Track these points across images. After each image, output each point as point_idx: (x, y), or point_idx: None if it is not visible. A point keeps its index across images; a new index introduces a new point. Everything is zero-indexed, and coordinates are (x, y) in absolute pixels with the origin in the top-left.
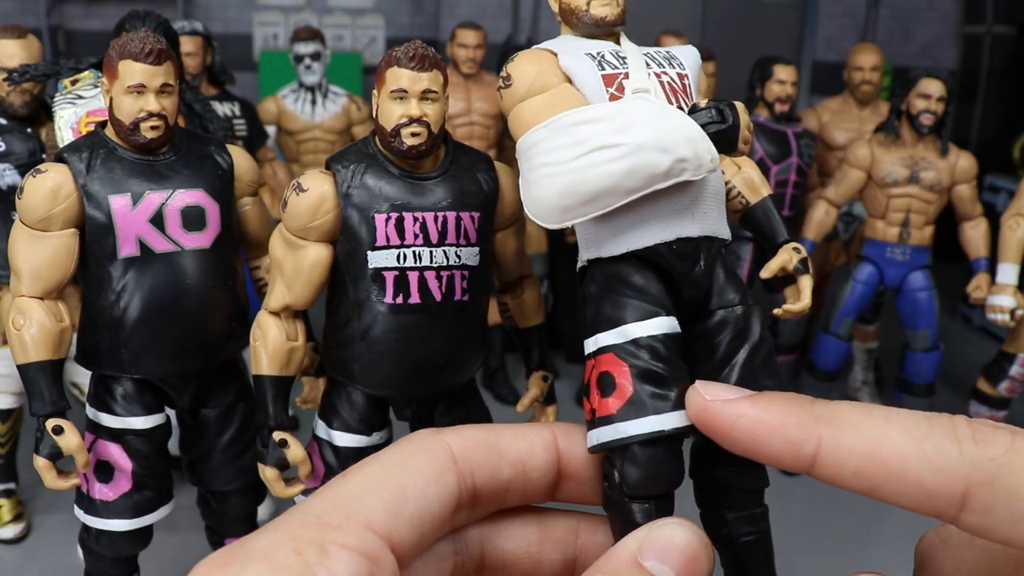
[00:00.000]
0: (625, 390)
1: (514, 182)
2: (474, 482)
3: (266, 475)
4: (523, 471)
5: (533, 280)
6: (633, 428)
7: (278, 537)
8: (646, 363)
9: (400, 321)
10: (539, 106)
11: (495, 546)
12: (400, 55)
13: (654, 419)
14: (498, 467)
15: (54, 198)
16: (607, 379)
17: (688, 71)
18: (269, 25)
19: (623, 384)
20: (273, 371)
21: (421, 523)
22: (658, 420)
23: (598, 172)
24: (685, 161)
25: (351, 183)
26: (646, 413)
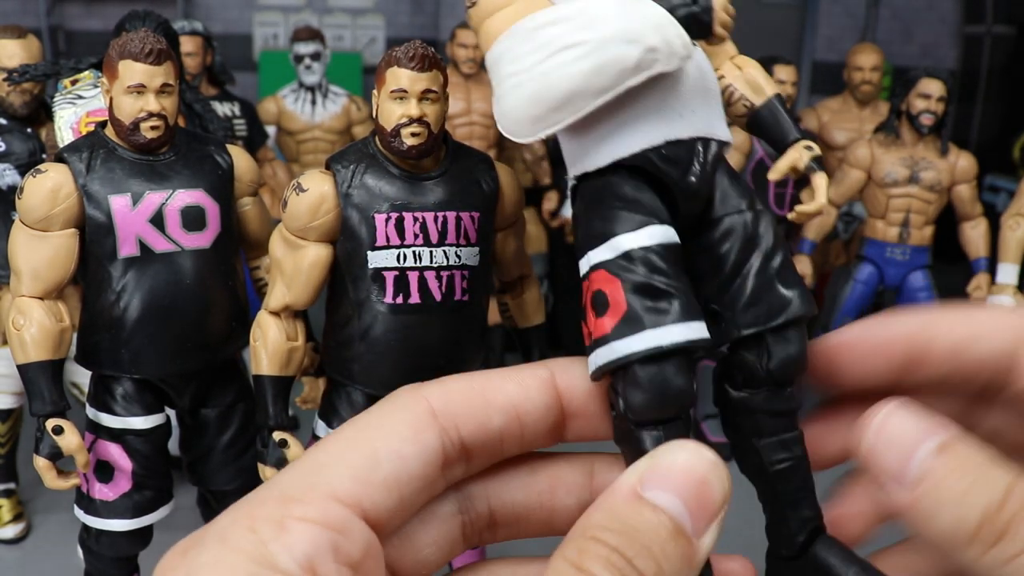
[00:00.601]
0: (619, 307)
1: (514, 182)
2: (460, 435)
3: (266, 475)
4: (516, 416)
5: (533, 280)
6: (630, 346)
7: (236, 516)
8: (640, 276)
9: (400, 321)
10: (505, 17)
11: (503, 501)
12: (400, 55)
13: (651, 334)
14: (486, 416)
15: (54, 198)
16: (600, 298)
17: None
18: (269, 25)
19: (617, 301)
20: (273, 371)
21: (398, 486)
22: (655, 335)
23: (563, 74)
24: (655, 50)
25: (351, 183)
26: (642, 328)
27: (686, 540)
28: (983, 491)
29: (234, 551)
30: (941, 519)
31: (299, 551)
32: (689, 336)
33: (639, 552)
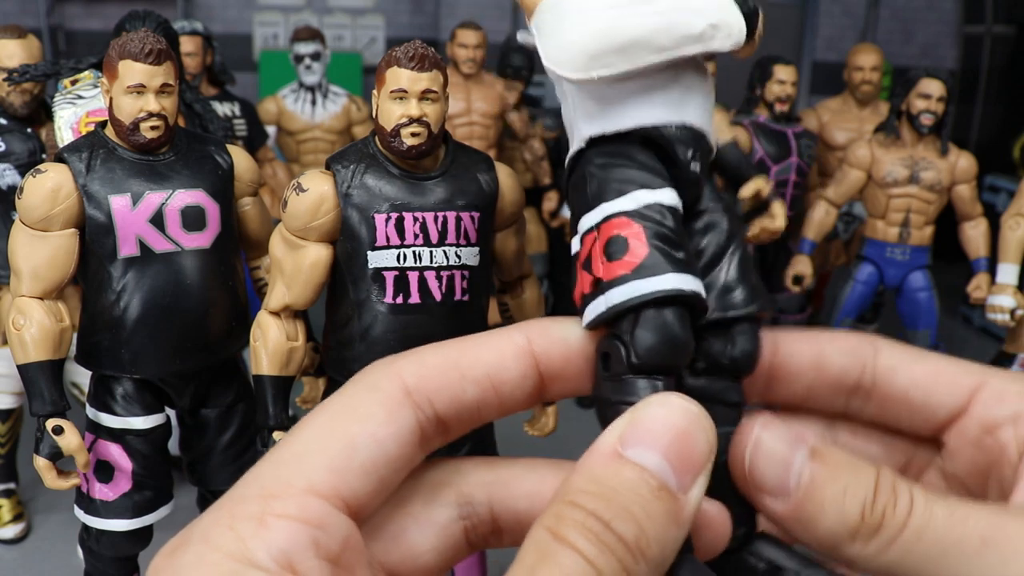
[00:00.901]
0: (639, 251)
1: (514, 182)
2: (435, 410)
3: None
4: (491, 386)
5: (533, 280)
6: (650, 285)
7: (219, 515)
8: (664, 227)
9: (400, 321)
10: None
11: (506, 507)
12: (400, 55)
13: (673, 277)
14: (460, 388)
15: (54, 198)
16: (618, 242)
17: None
18: (269, 25)
19: (637, 245)
20: (273, 371)
21: (375, 469)
22: (678, 278)
23: (635, 21)
24: (717, 28)
25: (351, 183)
26: (664, 272)
27: (670, 496)
28: (858, 488)
29: (215, 550)
30: (825, 521)
31: (277, 548)
32: (702, 290)
33: (618, 514)
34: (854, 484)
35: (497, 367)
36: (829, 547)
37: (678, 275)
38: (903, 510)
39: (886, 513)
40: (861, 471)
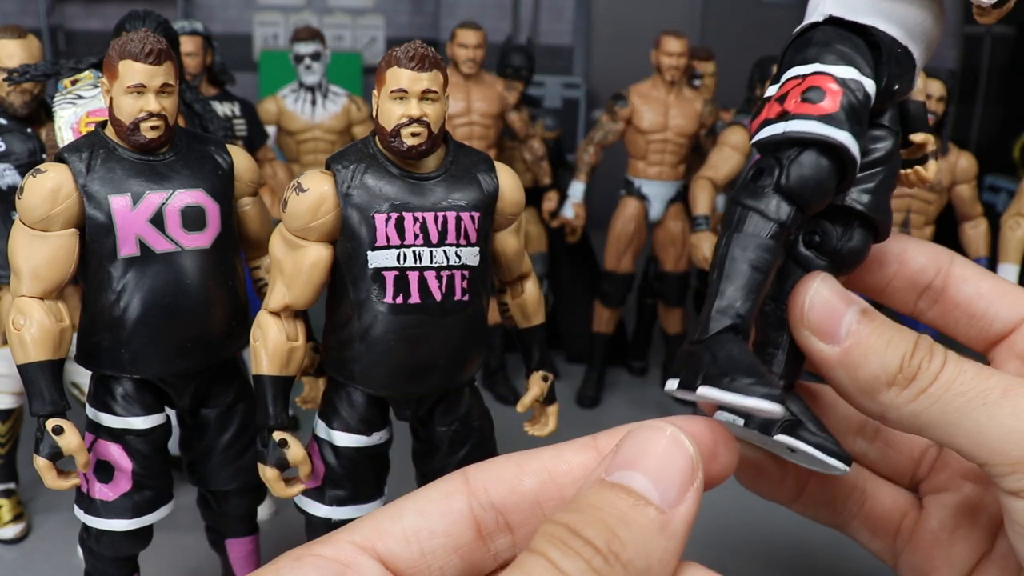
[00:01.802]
0: (830, 106)
1: (515, 182)
2: (490, 498)
3: (266, 475)
4: (551, 479)
5: (533, 280)
6: (827, 131)
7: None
8: (858, 102)
9: (400, 321)
10: None
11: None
12: (400, 55)
13: (846, 135)
14: (517, 479)
15: (54, 198)
16: (818, 92)
17: None
18: (269, 25)
19: (831, 101)
20: (273, 371)
21: (418, 539)
22: (849, 138)
23: None
24: None
25: (351, 183)
26: (844, 129)
27: (654, 509)
28: (900, 342)
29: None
30: (868, 366)
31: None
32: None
33: (588, 523)
34: (897, 339)
35: (556, 461)
36: (867, 391)
37: (850, 137)
38: (937, 365)
39: (922, 366)
40: (904, 331)
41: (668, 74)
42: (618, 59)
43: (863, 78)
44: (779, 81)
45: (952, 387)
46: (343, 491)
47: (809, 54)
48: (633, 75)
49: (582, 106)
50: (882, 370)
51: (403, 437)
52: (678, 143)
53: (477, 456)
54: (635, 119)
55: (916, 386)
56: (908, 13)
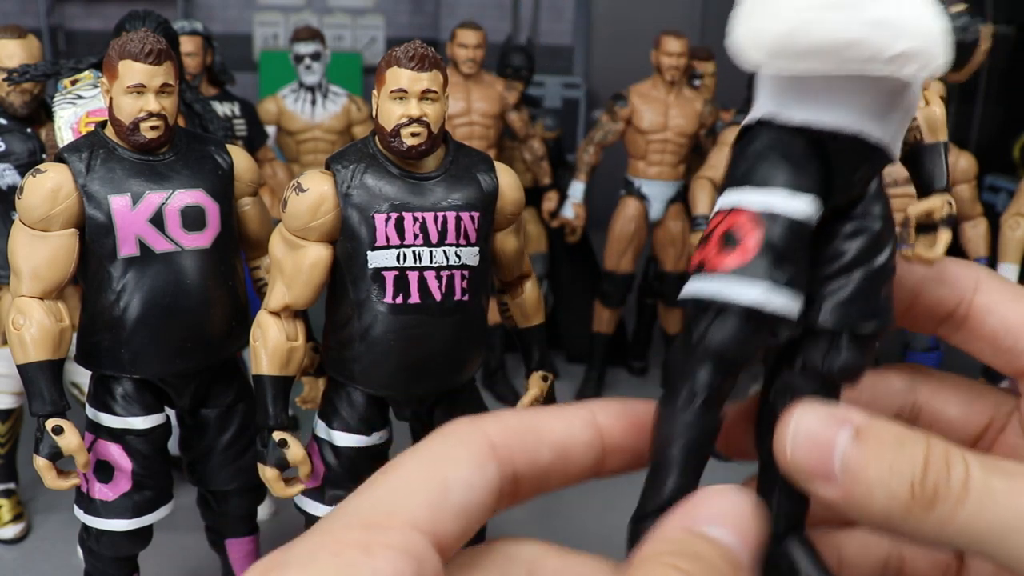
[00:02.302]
0: (748, 252)
1: (514, 182)
2: (514, 468)
3: (266, 475)
4: (563, 453)
5: (533, 280)
6: (738, 292)
7: (321, 540)
8: (780, 238)
9: (400, 321)
10: None
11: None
12: (400, 55)
13: (763, 291)
14: (537, 451)
15: (54, 198)
16: (733, 236)
17: None
18: (269, 25)
19: (748, 246)
20: (273, 371)
21: (466, 514)
22: (767, 294)
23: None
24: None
25: (351, 183)
26: (760, 281)
27: (744, 572)
28: (905, 465)
29: (320, 574)
30: (875, 502)
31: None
32: (791, 310)
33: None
34: (899, 461)
35: (568, 435)
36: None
37: (770, 290)
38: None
39: (938, 487)
40: (908, 446)
41: (668, 74)
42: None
43: (791, 199)
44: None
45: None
46: (343, 491)
47: (739, 171)
48: (633, 75)
49: (582, 106)
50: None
51: (403, 437)
52: (678, 143)
53: None
54: (635, 119)
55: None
56: (853, 100)
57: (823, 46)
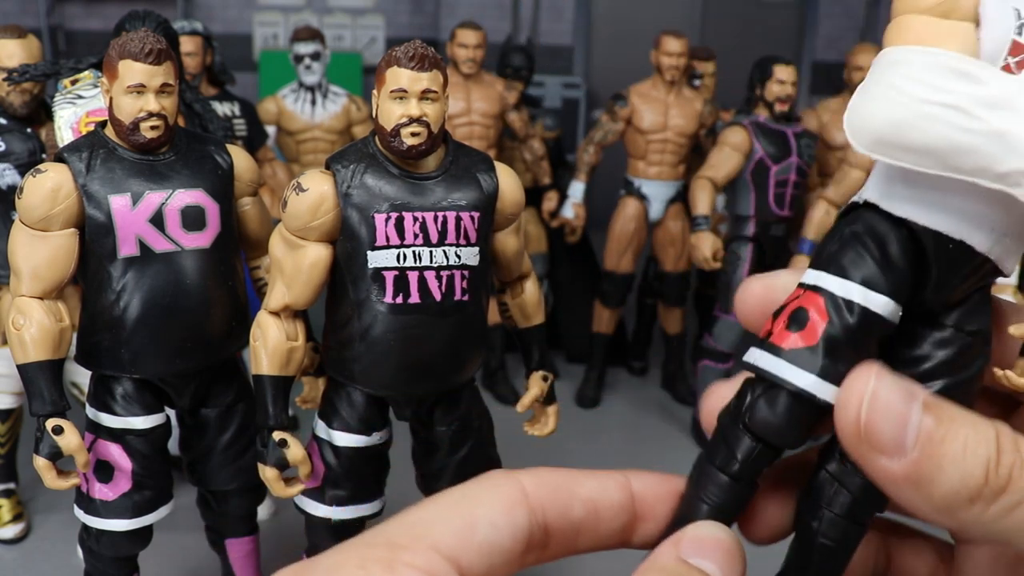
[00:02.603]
0: (811, 337)
1: (514, 182)
2: (545, 518)
3: (266, 475)
4: (594, 510)
5: (533, 280)
6: (792, 375)
7: (347, 555)
8: (845, 331)
9: (400, 321)
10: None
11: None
12: (400, 55)
13: (811, 379)
14: (569, 505)
15: (54, 198)
16: (802, 315)
17: None
18: (269, 25)
19: (813, 331)
20: (273, 371)
21: (491, 553)
22: (817, 384)
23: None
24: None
25: (351, 183)
26: (813, 369)
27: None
28: (979, 445)
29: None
30: (945, 481)
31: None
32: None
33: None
34: (975, 440)
35: (600, 493)
36: (945, 511)
37: (823, 380)
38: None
39: (1013, 474)
40: (981, 426)
41: (668, 74)
42: (618, 59)
43: (870, 294)
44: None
45: None
46: (343, 491)
47: (828, 250)
48: (633, 75)
49: (582, 106)
50: (962, 484)
51: (403, 437)
52: (678, 143)
53: (477, 456)
54: (635, 119)
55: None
56: (964, 205)
57: (934, 147)
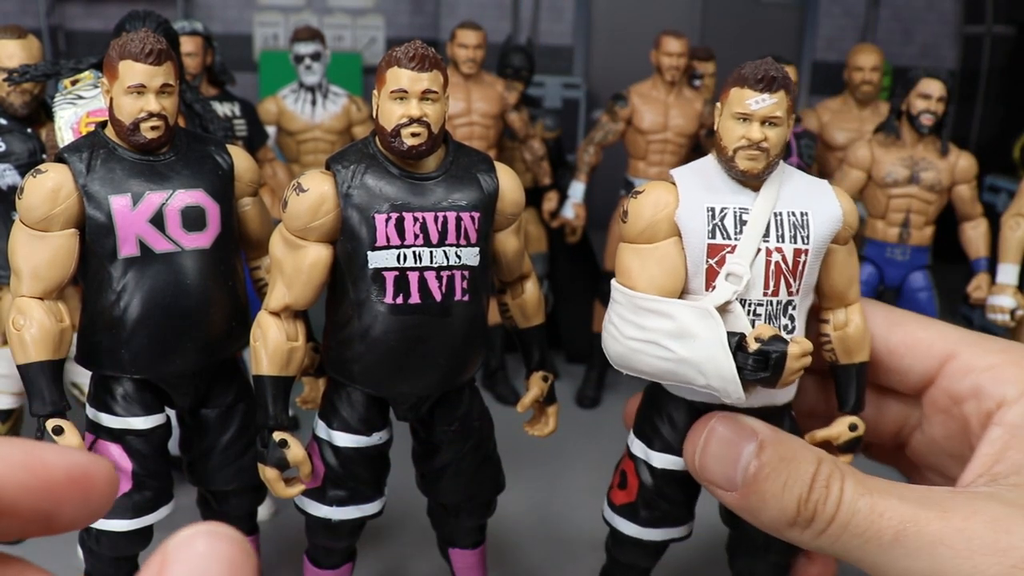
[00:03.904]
0: (631, 494)
1: (515, 182)
2: None
3: (266, 475)
4: None
5: (534, 280)
6: (626, 526)
7: None
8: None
9: (400, 321)
10: (637, 261)
11: None
12: (400, 55)
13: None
14: None
15: (54, 198)
16: (625, 477)
17: (811, 244)
18: (269, 25)
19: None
20: (273, 371)
21: None
22: (643, 530)
23: (645, 360)
24: (716, 390)
25: (351, 183)
26: (636, 521)
27: None
28: (795, 483)
29: None
30: (767, 512)
31: None
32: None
33: None
34: (792, 479)
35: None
36: (772, 530)
37: (645, 526)
38: (832, 504)
39: (817, 508)
40: (802, 464)
41: (668, 74)
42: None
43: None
44: None
45: (848, 528)
46: (343, 491)
47: (637, 420)
48: (633, 75)
49: (582, 106)
50: (781, 514)
51: (403, 437)
52: (678, 143)
53: (477, 456)
54: (635, 119)
55: (815, 528)
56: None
57: (647, 371)
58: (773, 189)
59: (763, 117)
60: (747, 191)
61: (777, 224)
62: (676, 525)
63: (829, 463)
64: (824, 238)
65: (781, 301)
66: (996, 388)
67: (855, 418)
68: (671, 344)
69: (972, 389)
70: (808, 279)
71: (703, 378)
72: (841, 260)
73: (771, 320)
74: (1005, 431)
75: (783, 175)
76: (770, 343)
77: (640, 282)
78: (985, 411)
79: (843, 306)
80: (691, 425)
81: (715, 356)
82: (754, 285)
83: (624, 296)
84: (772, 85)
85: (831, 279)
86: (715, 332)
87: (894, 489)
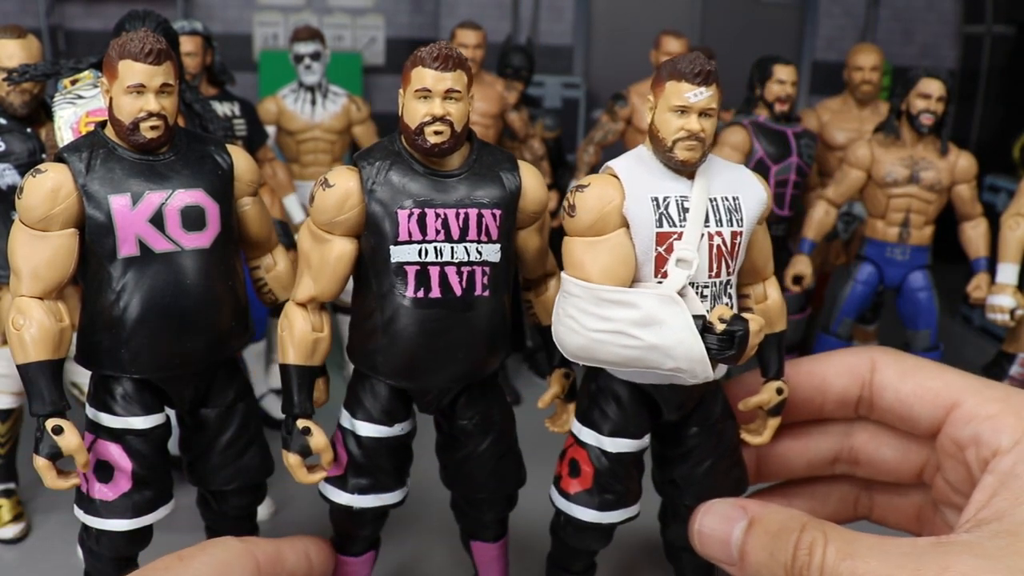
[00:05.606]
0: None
1: (537, 181)
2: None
3: (289, 461)
4: None
5: (558, 278)
6: (583, 513)
7: None
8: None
9: (421, 315)
10: (589, 254)
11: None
12: (425, 55)
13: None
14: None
15: (54, 198)
16: (576, 466)
17: (745, 226)
18: (269, 25)
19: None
20: (299, 360)
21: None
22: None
23: (611, 350)
24: (684, 371)
25: (376, 179)
26: (593, 508)
27: None
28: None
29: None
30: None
31: None
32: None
33: None
34: (778, 549)
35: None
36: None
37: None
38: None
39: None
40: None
41: None
42: (618, 59)
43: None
44: None
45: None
46: (365, 480)
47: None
48: (633, 75)
49: (582, 106)
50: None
51: (430, 430)
52: None
53: (498, 449)
54: (635, 119)
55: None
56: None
57: (611, 360)
58: (705, 177)
59: (700, 109)
60: (683, 179)
61: (714, 209)
62: (631, 505)
63: (812, 529)
64: (753, 220)
65: (722, 281)
66: (993, 437)
67: (780, 382)
68: (638, 332)
69: (973, 437)
70: (740, 259)
71: (672, 361)
72: (760, 239)
73: (716, 300)
74: (995, 478)
75: (708, 163)
76: (733, 323)
77: (593, 273)
78: (983, 458)
79: (760, 280)
80: (639, 406)
81: (684, 340)
82: (701, 268)
83: (582, 289)
84: (708, 79)
85: (752, 256)
86: (682, 317)
87: (878, 546)
